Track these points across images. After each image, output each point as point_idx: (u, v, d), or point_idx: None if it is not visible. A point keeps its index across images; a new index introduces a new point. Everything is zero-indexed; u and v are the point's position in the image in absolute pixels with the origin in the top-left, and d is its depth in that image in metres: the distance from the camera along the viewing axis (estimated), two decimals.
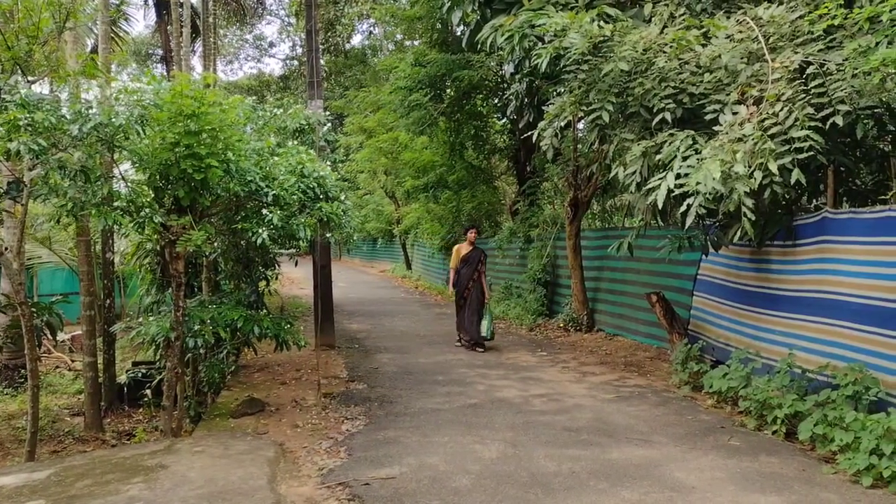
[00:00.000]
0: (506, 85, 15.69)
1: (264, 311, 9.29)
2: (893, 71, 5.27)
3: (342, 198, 7.50)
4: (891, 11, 4.99)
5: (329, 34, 34.81)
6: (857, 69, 5.47)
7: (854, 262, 6.34)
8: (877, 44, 5.15)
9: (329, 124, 10.20)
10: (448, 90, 16.35)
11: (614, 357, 10.37)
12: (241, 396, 7.88)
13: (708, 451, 5.84)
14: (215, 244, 8.57)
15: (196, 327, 7.10)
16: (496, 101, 17.64)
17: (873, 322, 6.04)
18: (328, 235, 8.31)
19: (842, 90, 5.68)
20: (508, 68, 11.49)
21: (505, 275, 17.18)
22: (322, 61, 24.12)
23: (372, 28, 38.41)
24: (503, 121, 18.37)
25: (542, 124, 7.80)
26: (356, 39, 41.21)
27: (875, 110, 6.58)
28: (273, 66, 77.13)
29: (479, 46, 8.92)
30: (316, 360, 8.56)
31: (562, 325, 13.05)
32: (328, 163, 8.27)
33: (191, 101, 6.18)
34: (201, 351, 7.77)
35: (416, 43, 24.03)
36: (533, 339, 12.42)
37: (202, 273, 9.72)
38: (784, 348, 6.97)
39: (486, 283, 11.60)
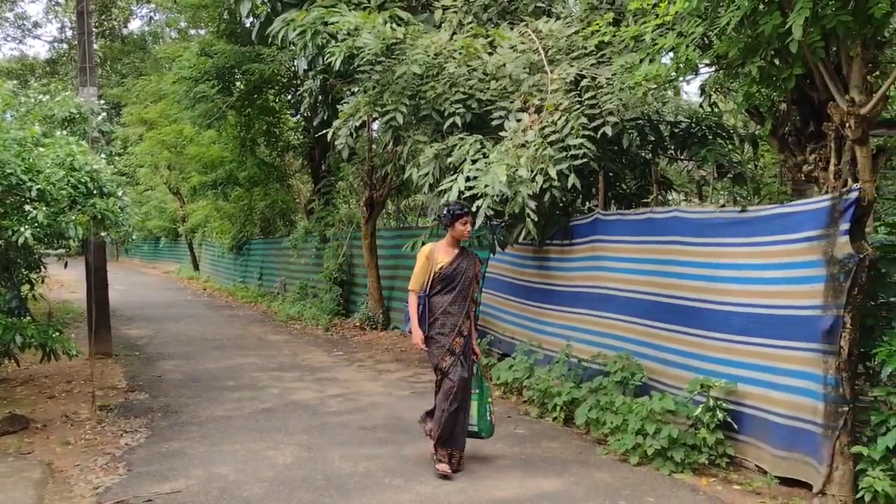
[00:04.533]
0: (299, 81, 15.39)
1: (28, 317, 8.34)
2: (654, 86, 5.85)
3: (119, 193, 6.96)
4: (652, 32, 5.52)
5: (104, 17, 32.20)
6: (623, 84, 6.01)
7: (620, 259, 6.97)
8: (641, 61, 5.68)
9: (104, 114, 9.43)
10: (238, 83, 15.71)
11: (409, 354, 10.56)
12: (1, 413, 7.03)
13: (497, 441, 6.12)
14: None
15: None
16: (289, 97, 17.27)
17: (637, 313, 6.67)
18: (103, 234, 7.66)
19: (611, 103, 6.22)
20: (301, 64, 11.27)
21: (301, 275, 16.91)
22: (96, 46, 22.21)
23: (152, 13, 36.03)
24: (297, 117, 18.03)
25: (336, 123, 7.76)
26: (135, 25, 38.49)
27: (638, 121, 7.30)
28: (38, 49, 69.66)
29: (270, 40, 8.67)
30: (90, 370, 7.85)
31: (358, 324, 13.09)
32: (103, 155, 7.65)
33: None
34: None
35: (201, 32, 22.86)
36: (329, 339, 12.34)
37: None
38: (563, 340, 7.50)
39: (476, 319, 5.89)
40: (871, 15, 4.29)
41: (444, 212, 5.59)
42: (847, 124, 4.66)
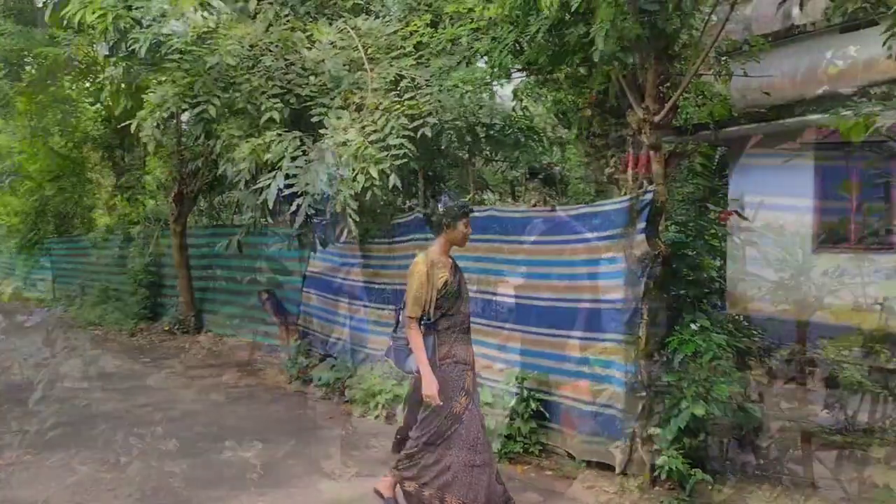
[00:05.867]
0: (99, 68, 14.25)
1: None
2: (470, 89, 6.02)
3: None
4: (468, 35, 5.68)
5: None
6: (441, 85, 6.13)
7: None
8: (458, 63, 5.83)
9: None
10: (28, 68, 14.32)
11: (225, 358, 10.17)
12: None
13: (320, 443, 6.04)
14: None
15: None
16: (88, 84, 15.95)
17: None
18: None
19: (430, 104, 6.32)
20: (102, 50, 10.41)
21: (102, 276, 15.71)
22: None
23: None
24: (97, 106, 16.68)
25: (141, 114, 7.23)
26: None
27: (456, 122, 7.46)
28: None
29: (66, 22, 7.93)
30: None
31: (167, 328, 12.37)
32: None
33: None
34: None
35: None
36: (136, 346, 11.56)
37: None
38: (385, 338, 7.51)
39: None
40: (663, 30, 4.69)
41: (443, 209, 4.24)
42: (643, 131, 5.06)
